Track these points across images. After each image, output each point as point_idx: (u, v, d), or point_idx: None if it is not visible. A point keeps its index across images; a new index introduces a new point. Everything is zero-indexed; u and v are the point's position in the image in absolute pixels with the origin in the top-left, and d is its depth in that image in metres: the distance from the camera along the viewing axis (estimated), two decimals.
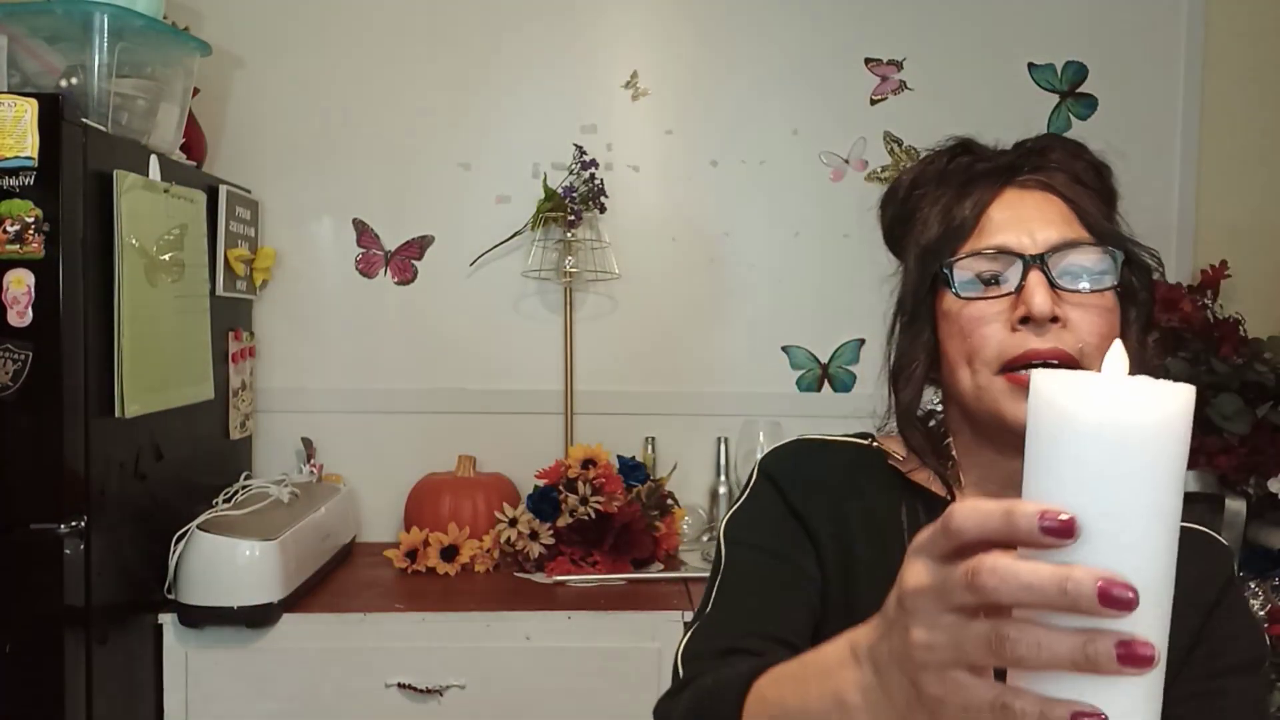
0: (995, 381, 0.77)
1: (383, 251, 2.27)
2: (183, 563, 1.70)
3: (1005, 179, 0.81)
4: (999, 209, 0.78)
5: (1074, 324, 0.75)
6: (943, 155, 0.86)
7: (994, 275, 0.77)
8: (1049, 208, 0.78)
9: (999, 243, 0.77)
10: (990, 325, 0.77)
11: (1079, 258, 0.76)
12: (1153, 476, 0.44)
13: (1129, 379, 0.44)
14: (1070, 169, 0.82)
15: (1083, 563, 0.42)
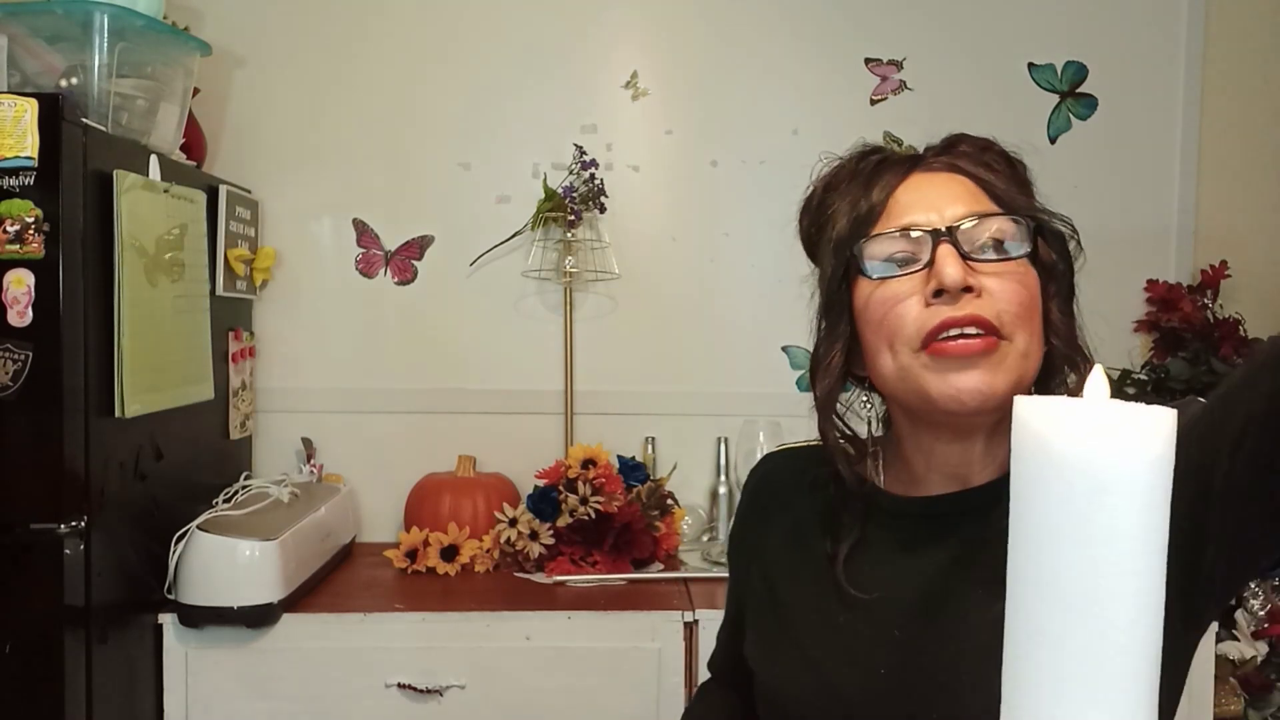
0: (917, 358, 0.75)
1: (383, 251, 2.27)
2: (183, 563, 1.70)
3: (911, 165, 0.81)
4: (905, 192, 0.79)
5: (990, 292, 0.74)
6: (852, 159, 0.87)
7: (905, 255, 0.76)
8: (956, 186, 0.78)
9: (907, 221, 0.77)
10: (905, 303, 0.75)
11: (988, 228, 0.76)
12: (1136, 501, 0.43)
13: (1110, 404, 0.44)
14: (981, 158, 0.83)
15: (1070, 592, 0.43)
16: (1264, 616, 2.00)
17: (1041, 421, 0.45)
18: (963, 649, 0.77)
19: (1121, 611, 0.43)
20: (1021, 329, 0.74)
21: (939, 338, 0.73)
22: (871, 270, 0.77)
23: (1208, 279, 2.22)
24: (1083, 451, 0.43)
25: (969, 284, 0.73)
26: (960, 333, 0.73)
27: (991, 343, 0.73)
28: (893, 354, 0.77)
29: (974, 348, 0.72)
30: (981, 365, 0.73)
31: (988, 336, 0.73)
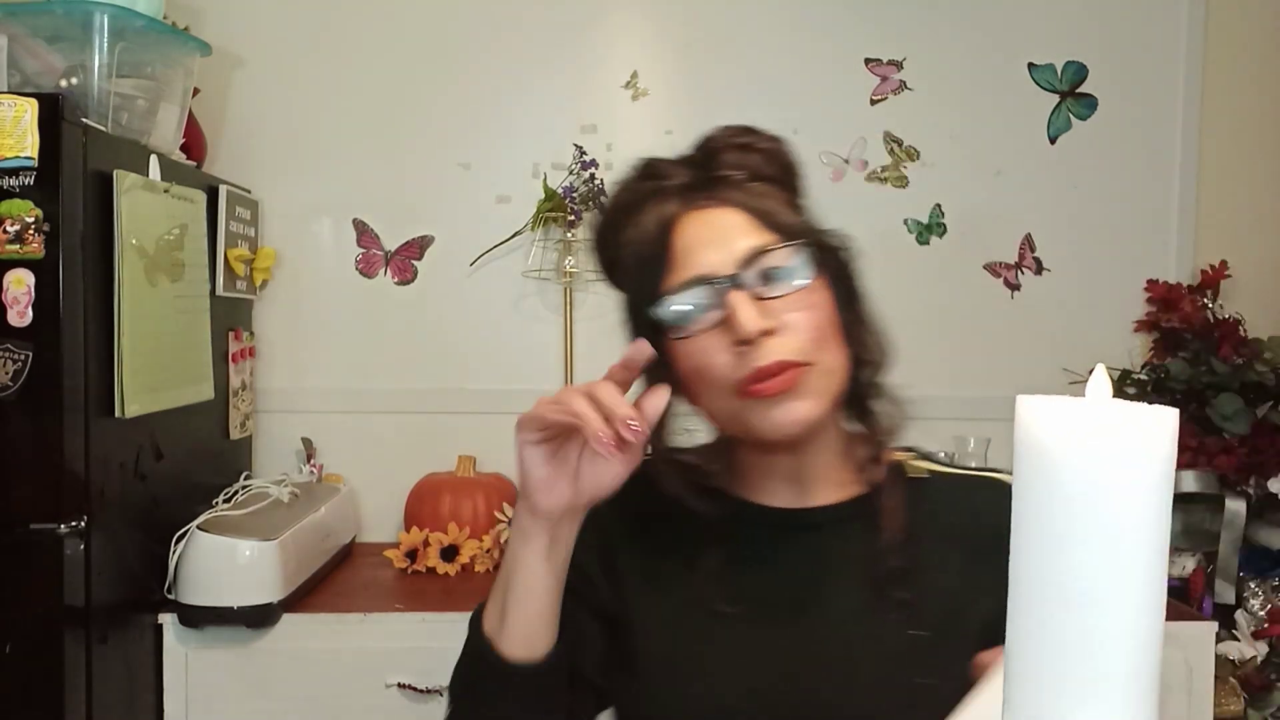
0: (735, 402, 0.78)
1: (383, 251, 2.27)
2: (183, 563, 1.70)
3: (683, 205, 0.81)
4: (683, 237, 0.79)
5: (787, 326, 0.76)
6: (628, 186, 0.86)
7: (700, 305, 0.78)
8: (729, 221, 0.79)
9: (693, 273, 0.78)
10: (714, 355, 0.77)
11: (771, 261, 0.77)
12: (1136, 501, 0.43)
13: (1111, 404, 0.44)
14: (744, 166, 0.83)
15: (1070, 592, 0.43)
16: (1264, 616, 2.00)
17: (1042, 421, 0.45)
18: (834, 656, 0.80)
19: (1121, 611, 0.43)
20: (824, 350, 0.78)
21: (751, 383, 0.76)
22: (674, 330, 0.79)
23: (1208, 279, 2.22)
24: (1083, 451, 0.43)
25: (766, 328, 0.75)
26: (772, 376, 0.76)
27: (798, 374, 0.76)
28: (715, 399, 0.80)
29: (784, 384, 0.76)
30: (795, 396, 0.76)
31: (795, 369, 0.76)
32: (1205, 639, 1.79)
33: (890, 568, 0.80)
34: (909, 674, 0.80)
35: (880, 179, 2.28)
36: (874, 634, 0.80)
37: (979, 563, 0.82)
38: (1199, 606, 2.01)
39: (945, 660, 0.80)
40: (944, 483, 0.88)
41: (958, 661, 0.79)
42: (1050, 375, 2.22)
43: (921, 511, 0.84)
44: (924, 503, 0.84)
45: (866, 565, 0.81)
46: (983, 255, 2.29)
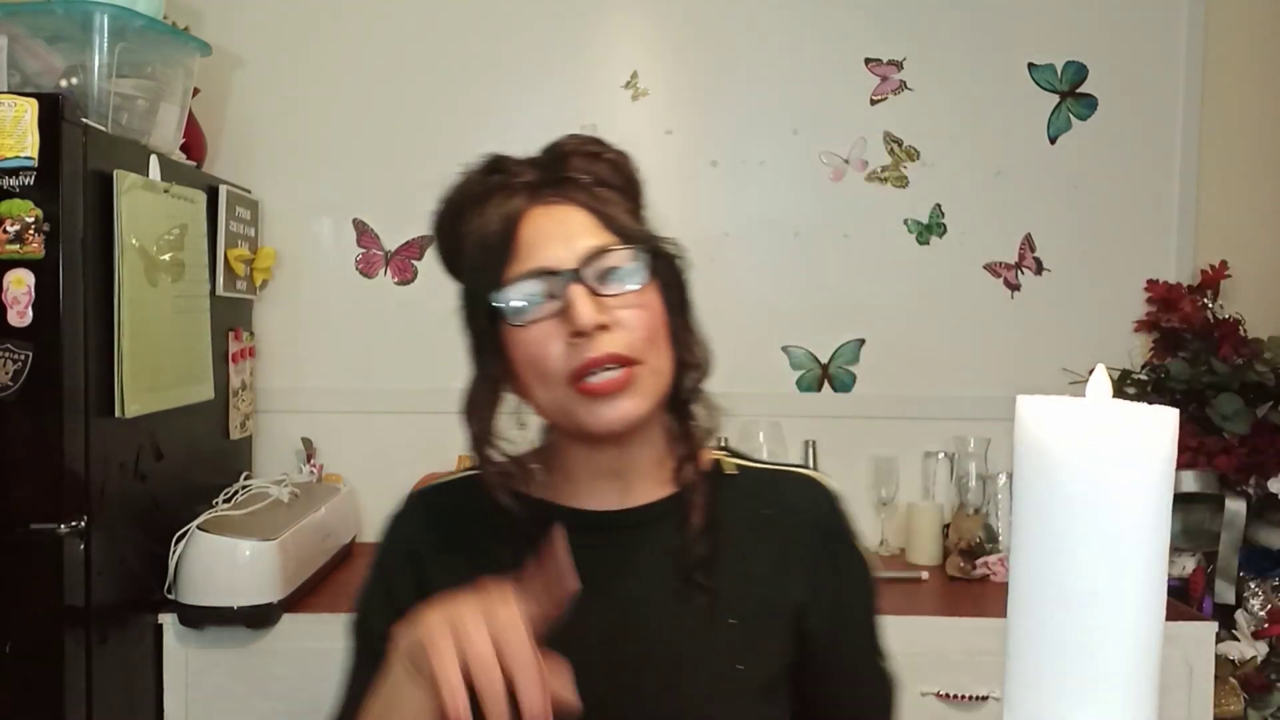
0: (568, 393, 0.81)
1: (383, 251, 2.27)
2: (183, 563, 1.70)
3: (530, 200, 0.84)
4: (529, 230, 0.82)
5: (621, 323, 0.80)
6: (475, 178, 0.89)
7: (540, 294, 0.81)
8: (574, 219, 0.82)
9: (536, 265, 0.80)
10: (549, 344, 0.80)
11: (611, 261, 0.81)
12: (1136, 501, 0.43)
13: (1111, 404, 0.44)
14: (591, 172, 0.86)
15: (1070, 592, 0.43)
16: (1264, 616, 2.00)
17: (1042, 421, 0.45)
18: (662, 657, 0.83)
19: (1121, 611, 0.43)
20: (652, 351, 0.82)
21: (584, 378, 0.79)
22: (512, 317, 0.82)
23: (1208, 279, 2.22)
24: (1083, 451, 0.43)
25: (602, 322, 0.79)
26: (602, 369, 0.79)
27: (629, 374, 0.80)
28: (546, 389, 0.82)
29: (615, 384, 0.79)
30: (624, 394, 0.80)
31: (626, 368, 0.79)
32: (1205, 639, 1.79)
33: (697, 560, 0.84)
34: (722, 661, 0.84)
35: (880, 179, 2.28)
36: (687, 625, 0.84)
37: (788, 553, 0.88)
38: (1199, 606, 2.01)
39: (757, 646, 0.85)
40: (753, 478, 0.92)
41: (768, 646, 0.85)
42: (1050, 375, 2.22)
43: (731, 506, 0.88)
44: (734, 498, 0.89)
45: (677, 560, 0.85)
46: (983, 255, 2.29)
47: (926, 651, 1.75)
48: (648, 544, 0.87)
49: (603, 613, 0.84)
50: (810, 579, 0.88)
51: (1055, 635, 0.44)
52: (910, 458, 2.24)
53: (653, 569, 0.86)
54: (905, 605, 1.86)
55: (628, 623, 0.84)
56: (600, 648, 0.83)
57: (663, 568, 0.85)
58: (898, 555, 2.17)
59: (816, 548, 0.89)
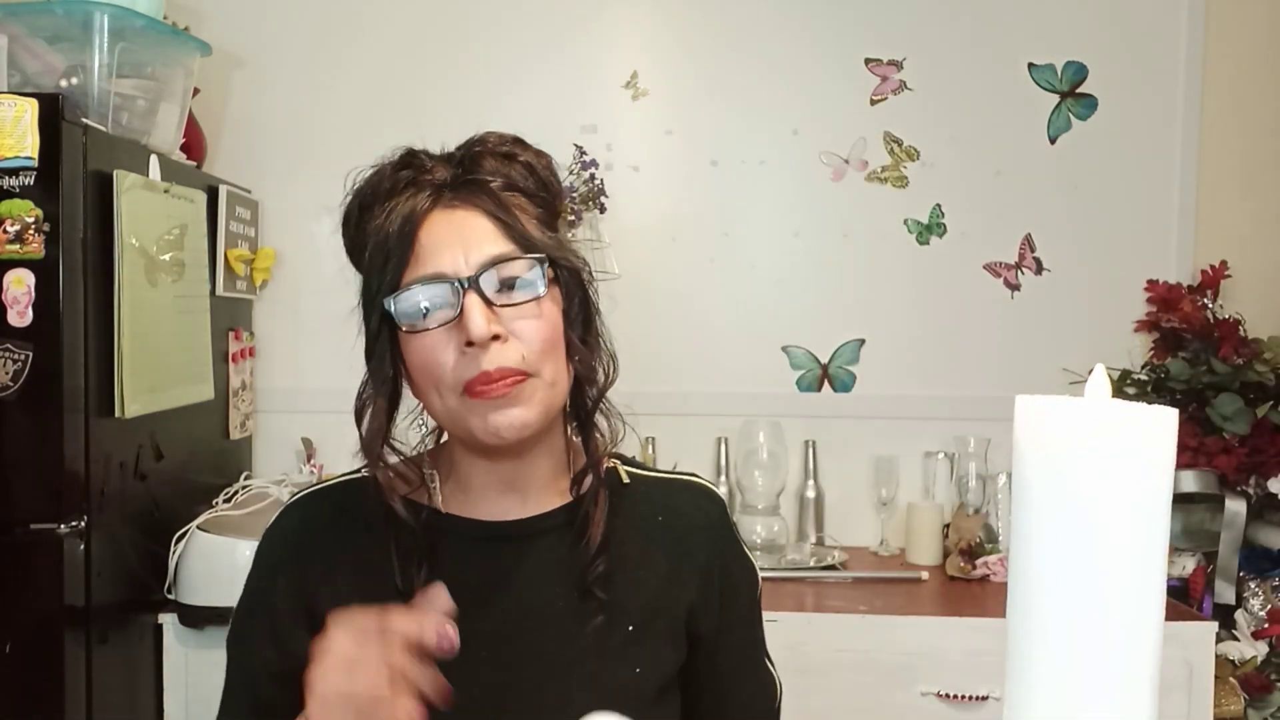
0: (462, 401, 0.79)
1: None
2: (183, 563, 1.70)
3: (433, 201, 0.82)
4: (428, 233, 0.80)
5: (517, 333, 0.79)
6: (385, 173, 0.88)
7: (434, 301, 0.79)
8: (475, 225, 0.80)
9: (432, 271, 0.79)
10: (442, 353, 0.79)
11: (509, 271, 0.79)
12: (1136, 501, 0.43)
13: (1111, 404, 0.44)
14: (504, 174, 0.84)
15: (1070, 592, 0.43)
16: (1264, 616, 2.00)
17: (1042, 421, 0.45)
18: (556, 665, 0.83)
19: (1121, 611, 0.43)
20: (547, 362, 0.81)
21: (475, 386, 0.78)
22: (404, 322, 0.80)
23: (1208, 279, 2.22)
24: (1083, 451, 0.43)
25: (496, 333, 0.78)
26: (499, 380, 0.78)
27: (520, 381, 0.79)
28: (439, 396, 0.81)
29: (507, 390, 0.78)
30: (514, 403, 0.79)
31: (518, 378, 0.79)
32: (1205, 639, 1.79)
33: (592, 570, 0.84)
34: (618, 667, 0.84)
35: (880, 179, 2.28)
36: (583, 633, 0.84)
37: (680, 558, 0.89)
38: (1199, 606, 2.01)
39: (652, 650, 0.86)
40: (646, 485, 0.92)
41: (663, 650, 0.86)
42: (1050, 375, 2.22)
43: (625, 514, 0.88)
44: (628, 506, 0.88)
45: (572, 569, 0.85)
46: (983, 255, 2.29)
47: (926, 651, 1.75)
48: (543, 553, 0.86)
49: (496, 622, 0.83)
50: (700, 582, 0.89)
51: (1055, 635, 0.45)
52: (910, 458, 2.24)
53: (548, 578, 0.85)
54: (905, 605, 1.86)
55: (521, 632, 0.84)
56: (492, 658, 0.82)
57: (558, 576, 0.85)
58: (898, 555, 2.17)
59: (706, 552, 0.90)
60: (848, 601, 1.85)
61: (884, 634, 1.77)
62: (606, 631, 0.84)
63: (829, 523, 2.22)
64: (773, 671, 0.94)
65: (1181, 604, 1.95)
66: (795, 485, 2.23)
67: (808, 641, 1.74)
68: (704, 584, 0.89)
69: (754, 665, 0.93)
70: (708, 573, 0.89)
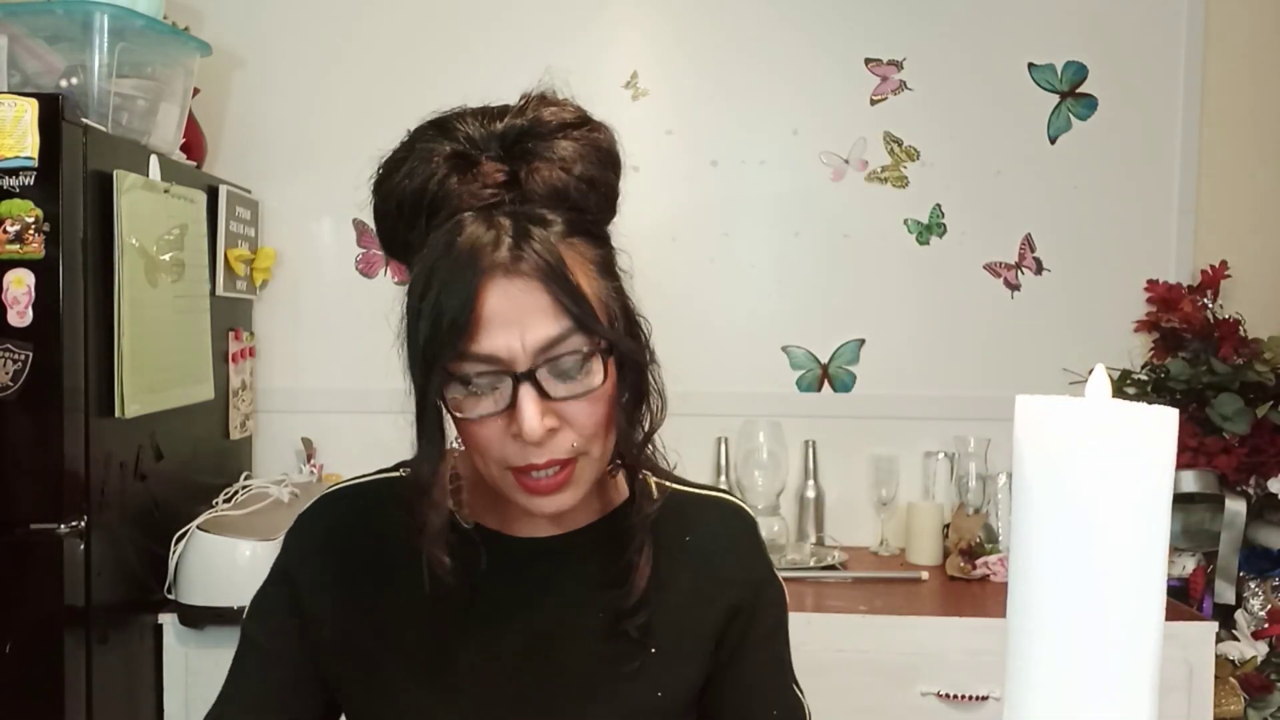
0: (505, 477, 0.77)
1: (383, 251, 2.27)
2: (183, 563, 1.70)
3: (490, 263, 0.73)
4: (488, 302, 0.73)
5: (570, 420, 0.75)
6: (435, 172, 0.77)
7: (486, 380, 0.75)
8: (533, 302, 0.73)
9: (486, 351, 0.73)
10: (492, 436, 0.75)
11: (567, 355, 0.74)
12: (1136, 501, 0.43)
13: (1111, 404, 0.44)
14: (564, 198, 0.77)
15: (1070, 592, 0.43)
16: (1264, 616, 2.00)
17: (1042, 421, 0.45)
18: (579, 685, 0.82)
19: (1121, 611, 0.43)
20: (597, 441, 0.77)
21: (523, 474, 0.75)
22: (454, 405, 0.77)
23: (1208, 279, 2.22)
24: (1083, 451, 0.43)
25: (550, 427, 0.74)
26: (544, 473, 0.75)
27: (570, 471, 0.76)
28: (484, 464, 0.78)
29: (555, 484, 0.75)
30: (561, 489, 0.76)
31: (566, 467, 0.75)
32: (1205, 639, 1.79)
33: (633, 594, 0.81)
34: (642, 689, 0.83)
35: (880, 179, 2.28)
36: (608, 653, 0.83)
37: (707, 577, 0.86)
38: (1199, 606, 2.01)
39: (676, 672, 0.84)
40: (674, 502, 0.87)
41: (687, 672, 0.85)
42: (1050, 375, 2.22)
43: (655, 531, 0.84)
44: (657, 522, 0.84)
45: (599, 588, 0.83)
46: (983, 255, 2.29)
47: (926, 651, 1.75)
48: (572, 570, 0.84)
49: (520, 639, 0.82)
50: (726, 603, 0.87)
51: (1055, 635, 0.44)
52: (910, 458, 2.24)
53: (576, 596, 0.84)
54: (905, 605, 1.86)
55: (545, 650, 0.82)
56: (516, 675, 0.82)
57: (586, 595, 0.83)
58: (898, 555, 2.17)
59: (733, 572, 0.88)
60: (848, 601, 1.85)
61: (884, 634, 1.77)
62: (630, 653, 0.82)
63: (829, 523, 2.22)
64: (800, 697, 0.91)
65: (1181, 604, 1.95)
66: (795, 485, 2.23)
67: (808, 642, 1.73)
68: (730, 605, 0.87)
69: (780, 687, 0.90)
70: (734, 593, 0.87)
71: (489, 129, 0.80)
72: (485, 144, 0.79)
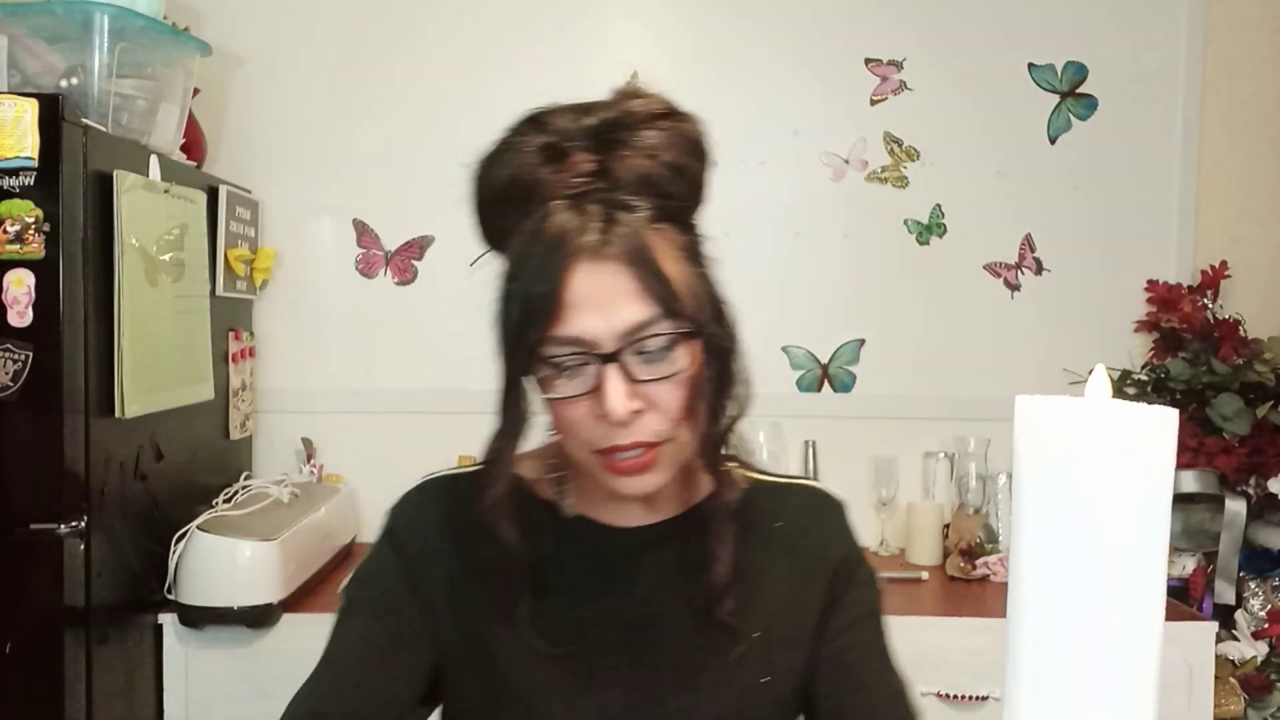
0: (591, 459, 0.78)
1: (383, 251, 2.27)
2: (183, 563, 1.70)
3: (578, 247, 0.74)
4: (572, 288, 0.74)
5: (655, 404, 0.76)
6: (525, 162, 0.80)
7: (574, 360, 0.75)
8: (620, 285, 0.74)
9: (573, 333, 0.74)
10: (577, 416, 0.76)
11: (652, 343, 0.75)
12: (1136, 501, 0.43)
13: (1111, 404, 0.44)
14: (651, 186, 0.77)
15: (1070, 592, 0.43)
16: (1264, 616, 2.00)
17: (1042, 421, 0.45)
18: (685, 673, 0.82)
19: (1121, 611, 0.43)
20: (681, 425, 0.78)
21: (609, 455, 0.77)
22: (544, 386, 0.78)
23: (1208, 279, 2.22)
24: (1083, 451, 0.43)
25: (635, 409, 0.75)
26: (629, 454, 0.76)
27: (655, 454, 0.77)
28: (571, 445, 0.80)
29: (640, 465, 0.77)
30: (646, 472, 0.78)
31: (651, 450, 0.77)
32: (1205, 639, 1.79)
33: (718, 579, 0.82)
34: (747, 674, 0.83)
35: (880, 179, 2.28)
36: (709, 641, 0.83)
37: (800, 563, 0.88)
38: (1199, 606, 2.01)
39: (778, 658, 0.84)
40: (761, 492, 0.90)
41: (788, 657, 0.85)
42: (1050, 375, 2.22)
43: (743, 522, 0.85)
44: (745, 511, 0.85)
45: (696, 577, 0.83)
46: (983, 255, 2.29)
47: (926, 651, 1.75)
48: (666, 559, 0.85)
49: (619, 629, 0.83)
50: (823, 586, 0.88)
51: (1055, 635, 0.45)
52: (910, 458, 2.24)
53: (671, 585, 0.85)
54: (905, 605, 1.86)
55: (646, 640, 0.83)
56: (621, 664, 0.82)
57: (682, 583, 0.84)
58: (898, 555, 2.17)
59: (827, 555, 0.89)
60: None
61: None
62: (731, 639, 0.83)
63: None
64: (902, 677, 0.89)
65: (1181, 604, 1.95)
66: None
67: None
68: (827, 588, 0.88)
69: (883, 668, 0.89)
70: (830, 576, 0.88)
71: (580, 122, 0.82)
72: (576, 136, 0.80)
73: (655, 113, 0.82)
